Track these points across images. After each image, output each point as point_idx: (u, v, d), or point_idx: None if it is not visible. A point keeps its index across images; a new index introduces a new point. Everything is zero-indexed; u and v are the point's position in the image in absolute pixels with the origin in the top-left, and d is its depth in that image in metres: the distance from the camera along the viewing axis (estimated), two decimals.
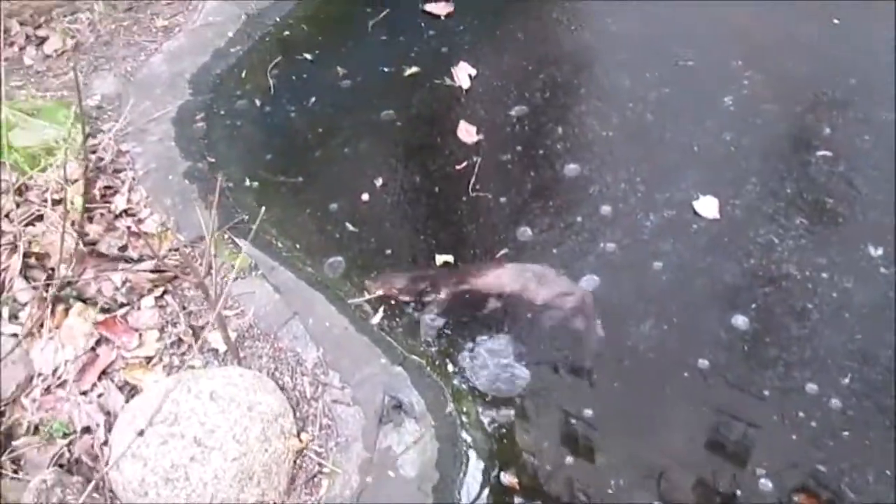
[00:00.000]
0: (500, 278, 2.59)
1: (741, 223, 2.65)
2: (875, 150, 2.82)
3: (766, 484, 2.09)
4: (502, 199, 2.81)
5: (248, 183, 2.98)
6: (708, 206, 2.69)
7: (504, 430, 2.27)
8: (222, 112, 3.28)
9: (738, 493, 2.08)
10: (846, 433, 2.17)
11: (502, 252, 2.66)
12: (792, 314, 2.43)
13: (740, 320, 2.42)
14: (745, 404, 2.26)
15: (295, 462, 2.17)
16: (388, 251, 2.72)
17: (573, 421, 2.27)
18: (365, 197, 2.88)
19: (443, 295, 2.57)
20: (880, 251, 2.53)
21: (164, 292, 2.57)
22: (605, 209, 2.74)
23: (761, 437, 2.19)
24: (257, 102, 3.32)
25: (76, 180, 2.84)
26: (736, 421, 2.23)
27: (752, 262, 2.55)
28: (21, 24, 3.56)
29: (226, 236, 2.74)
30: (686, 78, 3.15)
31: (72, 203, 2.68)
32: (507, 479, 2.19)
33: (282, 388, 2.30)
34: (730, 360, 2.35)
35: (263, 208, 2.22)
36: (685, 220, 2.68)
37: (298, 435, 2.20)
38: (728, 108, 3.02)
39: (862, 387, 2.25)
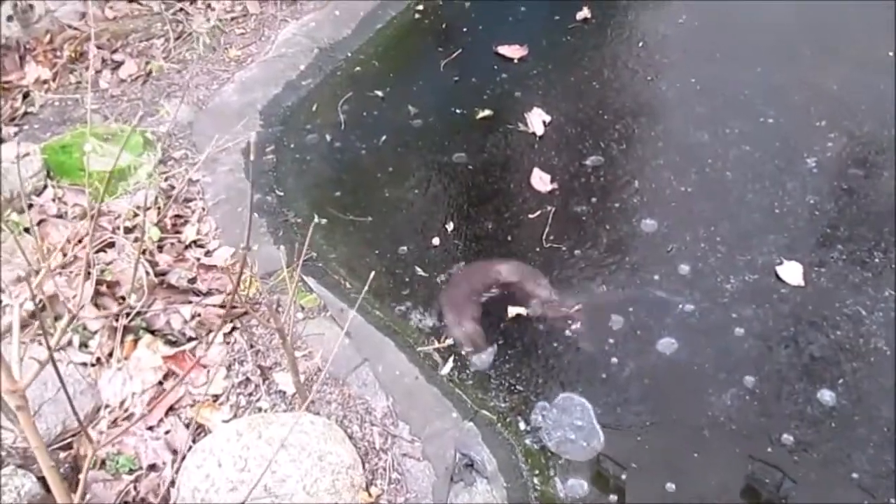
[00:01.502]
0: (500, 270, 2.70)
1: (827, 292, 2.56)
2: None
3: None
4: (577, 252, 2.75)
5: (316, 219, 2.94)
6: (792, 272, 2.60)
7: (576, 498, 2.19)
8: (292, 145, 3.28)
9: None
10: None
11: (576, 307, 2.59)
12: (882, 392, 2.32)
13: (827, 395, 2.33)
14: (833, 485, 2.16)
15: None
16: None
17: (651, 493, 2.18)
18: (435, 241, 2.84)
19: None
20: None
21: (233, 329, 2.54)
22: (684, 268, 2.66)
23: None
24: (327, 137, 3.31)
25: (149, 208, 2.84)
26: (828, 496, 2.13)
27: (838, 334, 2.46)
28: (98, 47, 3.61)
29: (293, 274, 2.71)
30: (767, 136, 3.08)
31: (146, 232, 2.68)
32: None
33: (350, 438, 2.24)
34: (816, 437, 2.25)
35: (365, 289, 2.17)
36: (768, 285, 2.59)
37: (367, 488, 2.14)
38: (811, 171, 2.94)
39: None
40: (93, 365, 2.40)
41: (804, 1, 3.72)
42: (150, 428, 2.28)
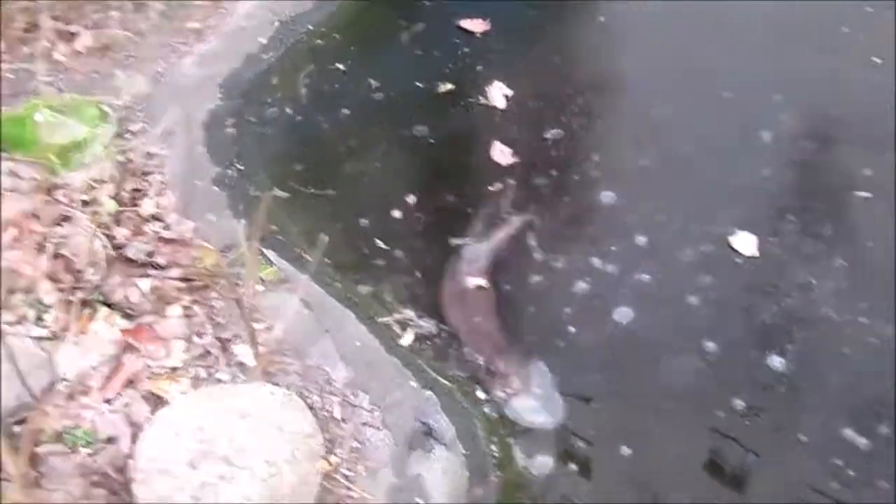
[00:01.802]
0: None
1: (779, 262, 2.63)
2: None
3: None
4: (536, 224, 2.78)
5: (277, 193, 2.93)
6: (746, 243, 2.66)
7: (535, 463, 2.23)
8: (253, 119, 3.25)
9: None
10: (883, 482, 2.14)
11: (536, 279, 2.62)
12: (830, 358, 2.40)
13: (777, 361, 2.39)
14: (781, 448, 2.23)
15: (323, 486, 2.12)
16: (419, 270, 2.68)
17: (606, 458, 2.23)
18: (396, 214, 2.85)
19: None
20: None
21: (193, 302, 2.52)
22: (641, 240, 2.71)
23: (798, 483, 2.16)
24: (288, 111, 3.28)
25: (105, 182, 2.81)
26: (772, 465, 2.20)
27: (789, 303, 2.53)
28: (53, 18, 3.52)
29: (253, 247, 2.69)
30: (724, 110, 3.12)
31: (102, 205, 2.65)
32: None
33: (310, 408, 2.25)
34: (766, 402, 2.32)
35: (326, 238, 2.17)
36: (722, 255, 2.65)
37: (327, 457, 2.16)
38: (766, 144, 2.99)
39: None
40: (49, 339, 2.38)
41: None
42: (108, 401, 2.27)
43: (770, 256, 2.64)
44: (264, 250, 2.67)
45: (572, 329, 2.50)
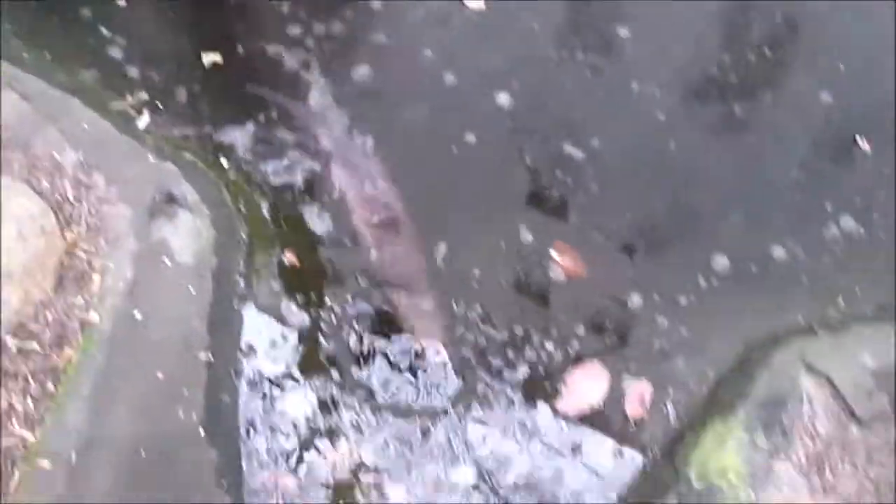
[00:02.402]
0: None
1: (506, 10, 2.74)
2: None
3: (525, 236, 2.29)
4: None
5: None
6: None
7: (285, 216, 2.31)
8: None
9: (503, 243, 2.26)
10: (594, 185, 2.40)
11: (273, 48, 2.60)
12: (551, 90, 2.59)
13: (503, 98, 2.55)
14: (508, 169, 2.43)
15: (62, 262, 2.08)
16: (151, 55, 2.57)
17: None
18: (121, 1, 2.68)
19: None
20: (627, 32, 2.72)
21: None
22: (376, 4, 2.73)
23: (524, 196, 2.37)
24: None
25: None
26: (503, 188, 2.40)
27: (515, 46, 2.67)
28: None
29: None
30: None
31: None
32: (289, 258, 2.24)
33: (39, 193, 2.16)
34: (495, 135, 2.49)
35: None
36: (454, 10, 2.73)
37: (63, 234, 2.10)
38: None
39: (609, 147, 2.47)
40: None
41: None
42: None
43: (497, 7, 2.75)
44: None
45: (315, 93, 2.52)
